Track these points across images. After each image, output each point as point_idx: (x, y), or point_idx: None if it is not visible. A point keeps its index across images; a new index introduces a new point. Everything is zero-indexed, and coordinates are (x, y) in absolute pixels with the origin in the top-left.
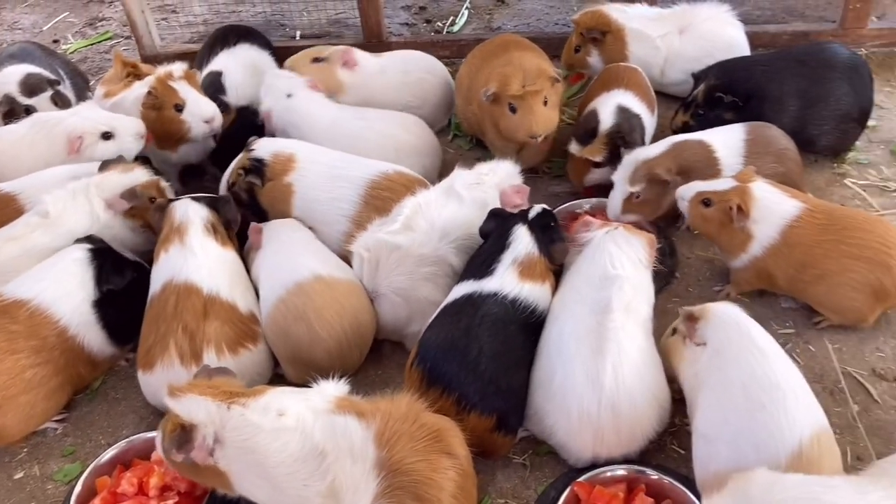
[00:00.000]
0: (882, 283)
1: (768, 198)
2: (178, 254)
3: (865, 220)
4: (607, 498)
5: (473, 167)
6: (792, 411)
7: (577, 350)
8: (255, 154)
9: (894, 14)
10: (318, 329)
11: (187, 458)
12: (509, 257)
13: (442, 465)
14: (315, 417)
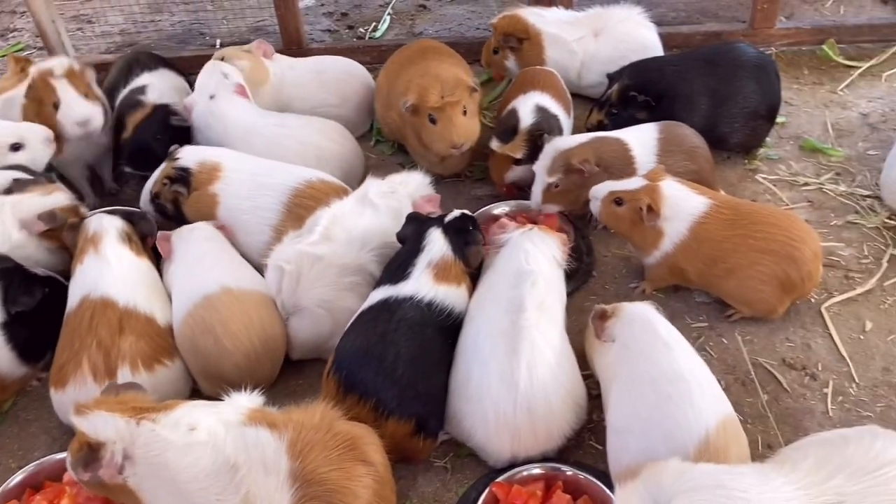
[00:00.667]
0: (789, 276)
1: (677, 195)
2: (93, 265)
3: (771, 214)
4: (525, 497)
5: (386, 177)
6: (698, 401)
7: (491, 350)
8: (180, 163)
9: (802, 14)
10: (226, 342)
11: (95, 477)
12: (424, 260)
13: (357, 473)
14: (227, 431)
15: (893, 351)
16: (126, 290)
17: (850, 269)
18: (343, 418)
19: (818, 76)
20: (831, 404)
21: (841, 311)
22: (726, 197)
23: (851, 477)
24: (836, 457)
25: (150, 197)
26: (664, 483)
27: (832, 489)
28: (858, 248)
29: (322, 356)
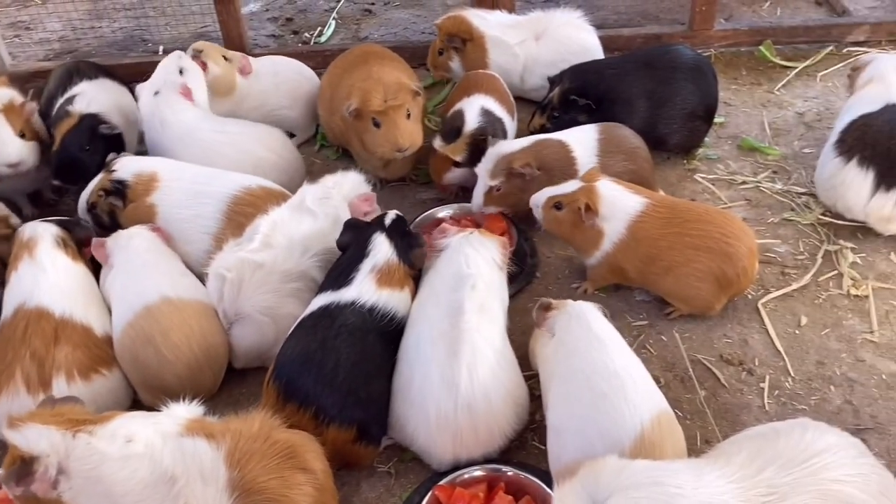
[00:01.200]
0: (724, 272)
1: (613, 194)
2: (28, 271)
3: (706, 212)
4: (467, 499)
5: (319, 181)
6: (632, 397)
7: (433, 353)
8: (116, 175)
9: (740, 16)
10: (166, 352)
11: (27, 492)
12: (368, 265)
13: (296, 481)
14: (164, 442)
15: (827, 345)
16: (62, 299)
17: (786, 265)
18: (283, 427)
19: (756, 76)
20: (768, 398)
21: (777, 306)
22: (662, 196)
23: (782, 469)
24: (768, 450)
25: (86, 207)
26: (602, 481)
27: (764, 481)
28: (794, 244)
29: (265, 364)
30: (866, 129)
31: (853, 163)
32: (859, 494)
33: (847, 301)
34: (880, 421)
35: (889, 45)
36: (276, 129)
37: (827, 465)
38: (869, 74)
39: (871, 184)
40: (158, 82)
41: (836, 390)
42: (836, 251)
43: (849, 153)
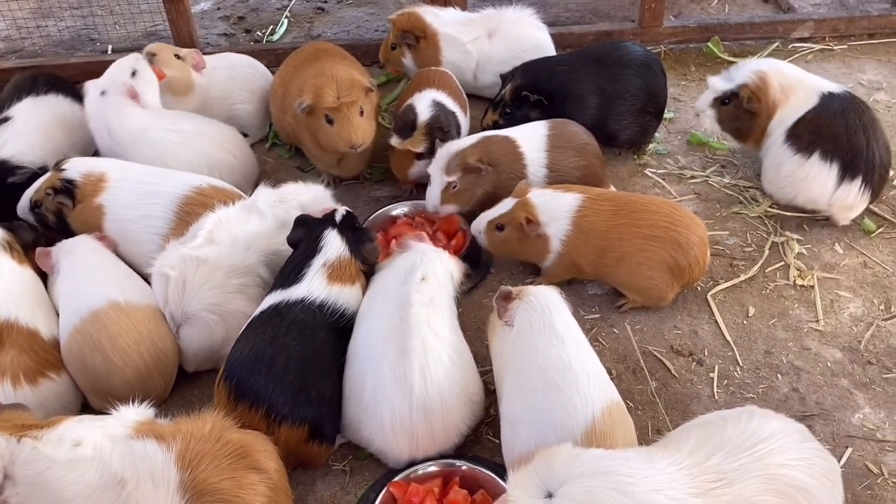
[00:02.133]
0: (676, 261)
1: (546, 200)
2: None
3: (652, 203)
4: (422, 494)
5: (279, 186)
6: (584, 389)
7: (383, 351)
8: (65, 174)
9: (689, 13)
10: (115, 358)
11: None
12: (319, 261)
13: (248, 482)
14: (113, 445)
15: (774, 334)
16: (7, 303)
17: (735, 257)
18: (235, 427)
19: (704, 72)
20: (717, 388)
21: (726, 297)
22: (598, 190)
23: (729, 455)
24: (716, 436)
25: (29, 206)
26: (555, 469)
27: (712, 468)
28: (742, 236)
29: (216, 366)
30: (819, 123)
31: (815, 157)
32: (804, 478)
33: (793, 291)
34: (825, 407)
35: (833, 41)
36: (230, 127)
37: (773, 451)
38: (779, 85)
39: (836, 176)
40: (107, 82)
41: (782, 378)
42: (783, 242)
43: (808, 149)
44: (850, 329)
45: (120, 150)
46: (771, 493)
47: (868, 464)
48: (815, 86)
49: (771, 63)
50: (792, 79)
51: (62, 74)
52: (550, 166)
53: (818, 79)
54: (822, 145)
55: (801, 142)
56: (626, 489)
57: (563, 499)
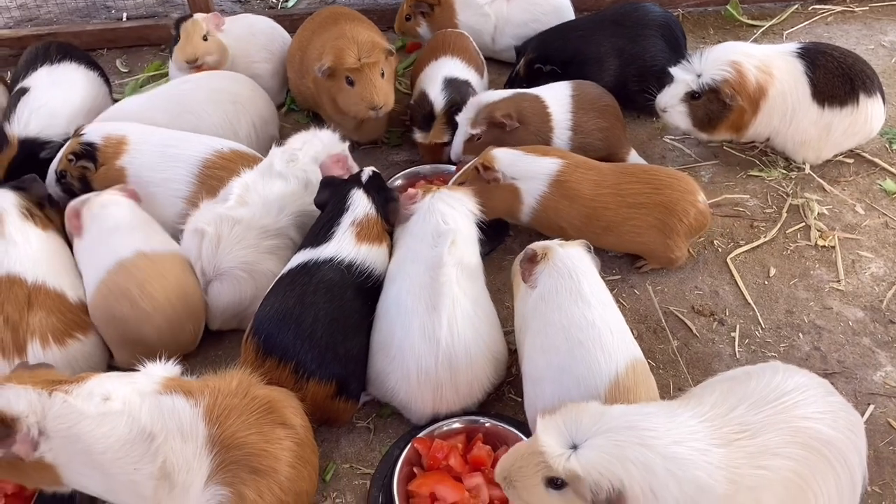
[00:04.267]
0: (663, 222)
1: (512, 157)
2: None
3: (632, 170)
4: (446, 450)
5: (287, 142)
6: (608, 346)
7: (413, 307)
8: (85, 138)
9: None
10: (144, 304)
11: (9, 454)
12: (348, 220)
13: (276, 436)
14: (142, 399)
15: (796, 294)
16: (34, 268)
17: (755, 218)
18: (261, 383)
19: (723, 35)
20: (738, 347)
21: (747, 258)
22: (581, 158)
23: (753, 407)
24: (739, 390)
25: (56, 177)
26: (583, 423)
27: (735, 419)
28: (763, 198)
29: (241, 326)
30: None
31: (860, 96)
32: (828, 431)
33: (814, 252)
34: (847, 366)
35: (854, 3)
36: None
37: (797, 403)
38: (755, 69)
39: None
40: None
41: (804, 337)
42: (803, 204)
43: (849, 94)
44: (872, 289)
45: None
46: (795, 445)
47: (890, 420)
48: (780, 51)
49: (733, 49)
50: (761, 55)
51: (77, 42)
52: (575, 128)
53: (774, 46)
54: (857, 83)
55: (838, 93)
56: (650, 443)
57: (591, 450)
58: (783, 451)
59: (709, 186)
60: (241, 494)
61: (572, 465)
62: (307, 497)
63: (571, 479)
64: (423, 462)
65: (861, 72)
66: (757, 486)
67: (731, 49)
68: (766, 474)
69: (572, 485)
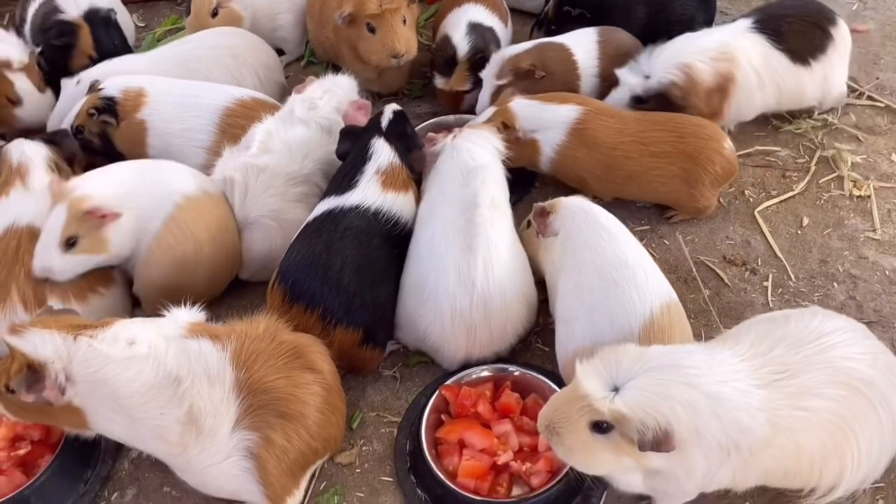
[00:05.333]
0: (689, 171)
1: (530, 109)
2: (20, 197)
3: (656, 118)
4: (475, 397)
5: (306, 89)
6: (642, 285)
7: (447, 249)
8: (104, 93)
9: None
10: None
11: (39, 398)
12: (372, 168)
13: (304, 381)
14: (168, 344)
15: (830, 244)
16: None
17: (787, 168)
18: (288, 328)
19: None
20: (771, 296)
21: (779, 208)
22: (601, 104)
23: (791, 347)
24: (777, 331)
25: (72, 133)
26: (624, 364)
27: (775, 359)
28: (794, 149)
29: (269, 277)
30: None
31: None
32: (869, 371)
33: (849, 201)
34: (884, 315)
35: None
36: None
37: (836, 344)
38: (711, 60)
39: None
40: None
41: (839, 287)
42: (834, 155)
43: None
44: None
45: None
46: (835, 384)
47: None
48: (739, 29)
49: (683, 48)
50: (717, 44)
51: None
52: (602, 74)
53: (729, 26)
54: (825, 24)
55: (817, 43)
56: (694, 381)
57: (635, 390)
58: (824, 392)
59: (739, 137)
60: (269, 439)
61: (617, 406)
62: (335, 443)
63: (617, 420)
64: (451, 409)
65: (819, 11)
66: (796, 429)
67: (682, 48)
68: (806, 416)
69: (618, 427)
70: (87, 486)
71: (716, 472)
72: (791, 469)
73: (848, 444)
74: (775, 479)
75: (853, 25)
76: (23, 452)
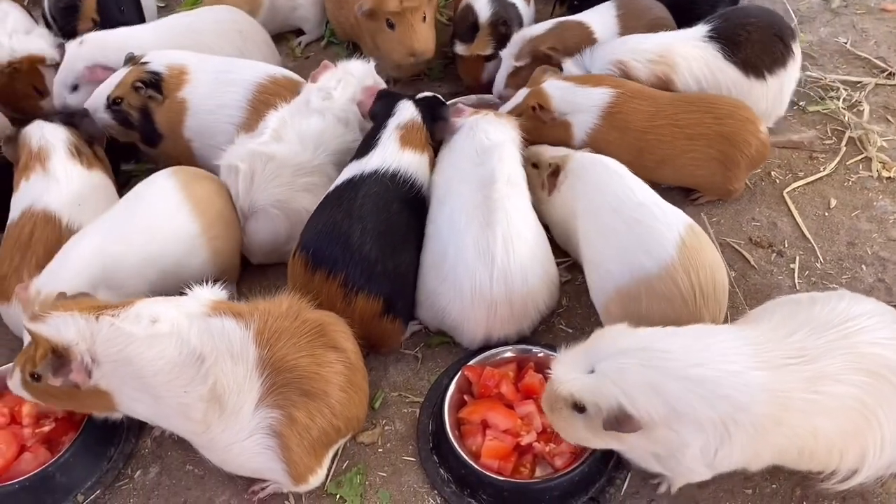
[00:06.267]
0: (725, 153)
1: (563, 91)
2: (39, 181)
3: (691, 99)
4: (498, 378)
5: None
6: (661, 216)
7: (466, 225)
8: (151, 66)
9: None
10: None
11: (66, 382)
12: (392, 124)
13: (327, 359)
14: (190, 322)
15: (858, 226)
16: (72, 209)
17: (815, 150)
18: (311, 306)
19: None
20: (798, 278)
21: (806, 190)
22: (636, 86)
23: (814, 332)
24: (802, 314)
25: (106, 103)
26: (599, 346)
27: (794, 343)
28: (822, 130)
29: (282, 259)
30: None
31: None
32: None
33: (877, 183)
34: None
35: None
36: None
37: (863, 329)
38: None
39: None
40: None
41: (867, 269)
42: (861, 136)
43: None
44: None
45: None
46: (858, 371)
47: None
48: (688, 37)
49: (621, 47)
50: (658, 46)
51: None
52: None
53: (680, 32)
54: (786, 36)
55: (777, 56)
56: (661, 364)
57: (597, 375)
58: (845, 378)
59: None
60: (292, 417)
61: (570, 389)
62: (357, 422)
63: (579, 401)
64: (474, 390)
65: (782, 22)
66: (811, 411)
67: (622, 46)
68: (822, 399)
69: (588, 407)
70: (110, 463)
71: (718, 450)
72: (807, 449)
73: (871, 429)
74: (791, 458)
75: (882, 5)
76: (47, 429)
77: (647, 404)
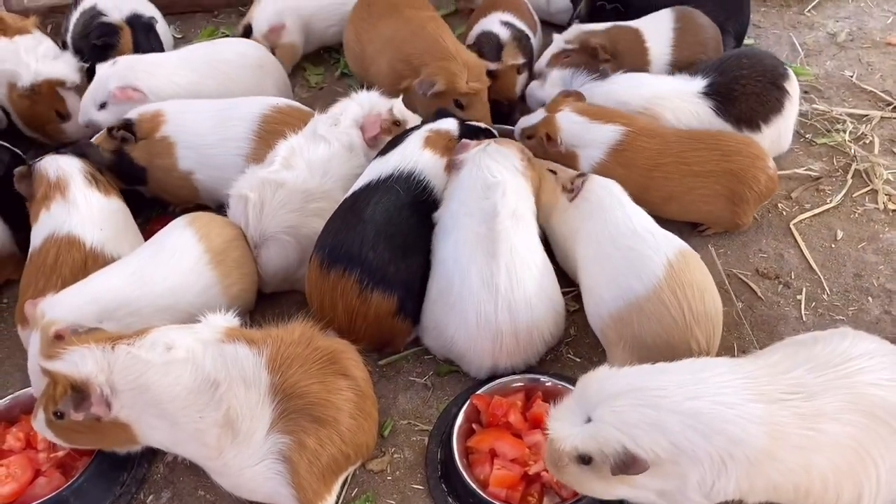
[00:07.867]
0: (733, 190)
1: (574, 125)
2: (60, 209)
3: (699, 136)
4: (506, 407)
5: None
6: (652, 242)
7: (471, 256)
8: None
9: None
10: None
11: (88, 415)
12: (425, 128)
13: (338, 386)
14: (205, 348)
15: (864, 258)
16: (93, 232)
17: (821, 182)
18: (322, 334)
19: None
20: (805, 310)
21: (813, 222)
22: (645, 123)
23: (814, 370)
24: (803, 353)
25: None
26: (589, 393)
27: (792, 379)
28: (828, 162)
29: (294, 287)
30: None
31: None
32: (894, 399)
33: (884, 215)
34: None
35: None
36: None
37: (863, 369)
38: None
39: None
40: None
41: (873, 301)
42: (868, 168)
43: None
44: None
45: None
46: (856, 412)
47: None
48: (686, 87)
49: (615, 90)
50: (648, 95)
51: None
52: (674, 63)
53: (677, 79)
54: (780, 80)
55: (774, 104)
56: (656, 402)
57: (596, 423)
58: (842, 417)
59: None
60: (302, 443)
61: (574, 444)
62: (367, 450)
63: (584, 453)
64: (482, 419)
65: (775, 67)
66: (806, 447)
67: (613, 91)
68: (818, 437)
69: (593, 457)
70: (123, 488)
71: (715, 482)
72: (802, 486)
73: (865, 469)
74: (786, 494)
75: (888, 38)
76: (62, 454)
77: (650, 442)
